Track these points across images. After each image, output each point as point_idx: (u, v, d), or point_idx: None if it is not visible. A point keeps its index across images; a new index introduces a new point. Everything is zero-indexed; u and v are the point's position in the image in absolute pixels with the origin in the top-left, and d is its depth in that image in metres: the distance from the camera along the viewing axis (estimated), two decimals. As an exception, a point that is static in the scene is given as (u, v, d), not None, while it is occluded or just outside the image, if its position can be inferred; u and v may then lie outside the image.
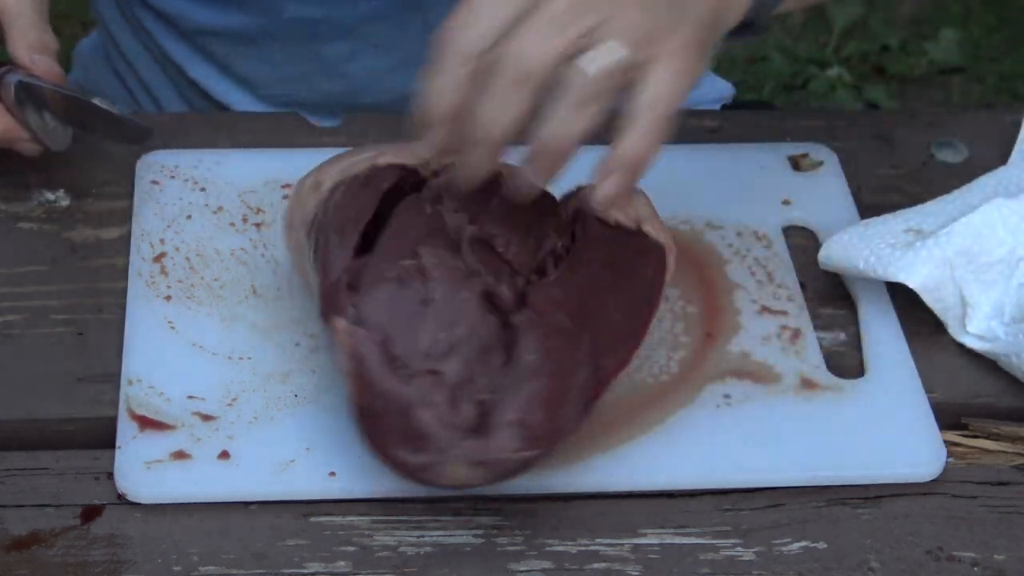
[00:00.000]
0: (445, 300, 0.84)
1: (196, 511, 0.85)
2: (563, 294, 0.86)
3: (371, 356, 0.82)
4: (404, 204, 0.89)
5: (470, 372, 0.82)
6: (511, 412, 0.80)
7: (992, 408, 0.94)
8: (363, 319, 0.84)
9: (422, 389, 0.81)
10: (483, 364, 0.83)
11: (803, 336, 0.96)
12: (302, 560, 0.83)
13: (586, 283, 0.87)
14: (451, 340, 0.83)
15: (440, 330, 0.83)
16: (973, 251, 0.96)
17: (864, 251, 0.96)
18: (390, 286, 0.85)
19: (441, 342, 0.83)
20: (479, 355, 0.83)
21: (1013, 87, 2.60)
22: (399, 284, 0.85)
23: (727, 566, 0.84)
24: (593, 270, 0.88)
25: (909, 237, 0.97)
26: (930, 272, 0.95)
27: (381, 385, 0.82)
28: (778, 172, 1.08)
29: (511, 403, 0.81)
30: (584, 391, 0.83)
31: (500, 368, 0.82)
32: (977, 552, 0.86)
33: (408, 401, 0.81)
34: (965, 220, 0.96)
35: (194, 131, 1.09)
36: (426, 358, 0.82)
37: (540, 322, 0.84)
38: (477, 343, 0.83)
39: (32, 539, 0.84)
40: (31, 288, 0.97)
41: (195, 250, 0.99)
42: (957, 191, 1.03)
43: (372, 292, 0.85)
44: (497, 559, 0.84)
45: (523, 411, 0.80)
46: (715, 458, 0.89)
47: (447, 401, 0.81)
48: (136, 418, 0.88)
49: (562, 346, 0.83)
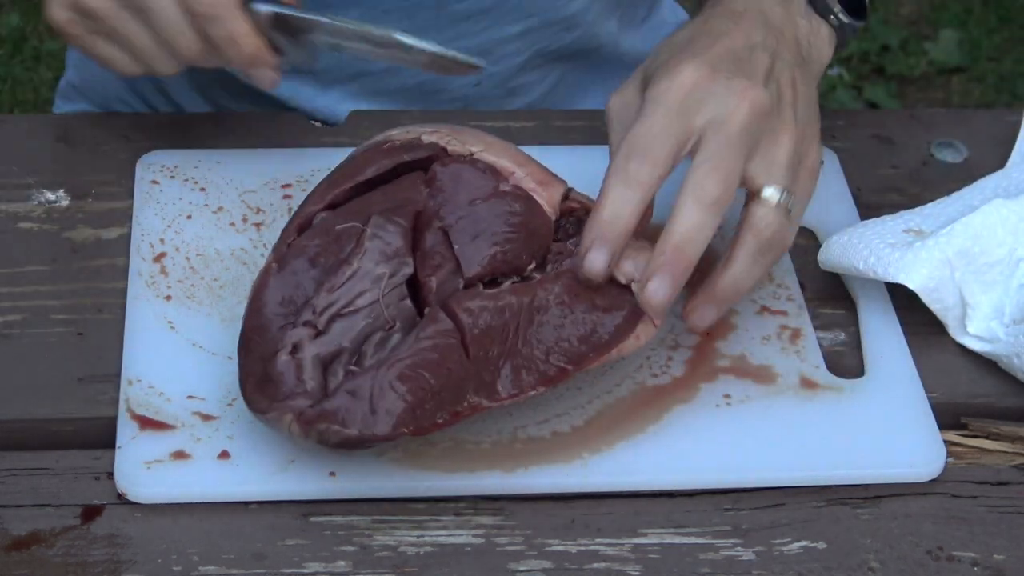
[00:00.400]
0: (363, 269, 0.86)
1: (196, 511, 0.85)
2: (487, 309, 0.85)
3: (272, 294, 0.86)
4: (407, 178, 0.91)
5: (356, 343, 0.84)
6: (354, 387, 0.81)
7: (992, 408, 0.94)
8: (286, 258, 0.87)
9: (293, 337, 0.83)
10: (376, 341, 0.84)
11: (803, 336, 0.96)
12: (302, 560, 0.83)
13: (525, 312, 0.86)
14: (348, 306, 0.85)
15: (340, 292, 0.85)
16: (973, 252, 0.96)
17: (863, 251, 0.96)
18: (325, 239, 0.88)
19: (336, 304, 0.84)
20: (374, 331, 0.84)
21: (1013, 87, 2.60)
22: (334, 240, 0.87)
23: (727, 566, 0.84)
24: (545, 305, 0.86)
25: (909, 237, 0.97)
26: (930, 273, 0.95)
27: (264, 322, 0.85)
28: (778, 172, 1.08)
29: (359, 379, 0.81)
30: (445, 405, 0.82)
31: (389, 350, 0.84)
32: (977, 552, 0.86)
33: (277, 344, 0.84)
34: (965, 221, 0.96)
35: (194, 131, 1.09)
36: (314, 312, 0.84)
37: (440, 321, 0.84)
38: (375, 319, 0.84)
39: (32, 539, 0.84)
40: (31, 288, 0.97)
41: (195, 250, 0.99)
42: (957, 193, 1.03)
43: (308, 237, 0.88)
44: (497, 559, 0.84)
45: (365, 392, 0.81)
46: (715, 458, 0.89)
47: (315, 359, 0.83)
48: (136, 418, 0.88)
49: (446, 351, 0.83)
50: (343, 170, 0.92)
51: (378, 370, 0.81)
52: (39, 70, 2.51)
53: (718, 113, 0.88)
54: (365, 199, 0.90)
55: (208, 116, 1.12)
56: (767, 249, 0.89)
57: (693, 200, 0.86)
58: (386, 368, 0.81)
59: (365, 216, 0.88)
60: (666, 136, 0.87)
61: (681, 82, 0.89)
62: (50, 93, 2.44)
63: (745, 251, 0.89)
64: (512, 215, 0.89)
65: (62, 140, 1.08)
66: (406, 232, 0.87)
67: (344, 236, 0.87)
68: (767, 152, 0.90)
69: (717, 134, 0.87)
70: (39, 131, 1.09)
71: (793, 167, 0.91)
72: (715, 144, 0.87)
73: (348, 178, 0.91)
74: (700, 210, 0.86)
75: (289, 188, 1.03)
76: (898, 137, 1.13)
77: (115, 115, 1.13)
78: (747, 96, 0.88)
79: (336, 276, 0.85)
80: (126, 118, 1.12)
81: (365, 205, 0.89)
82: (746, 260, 0.89)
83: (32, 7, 2.62)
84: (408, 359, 0.82)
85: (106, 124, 1.10)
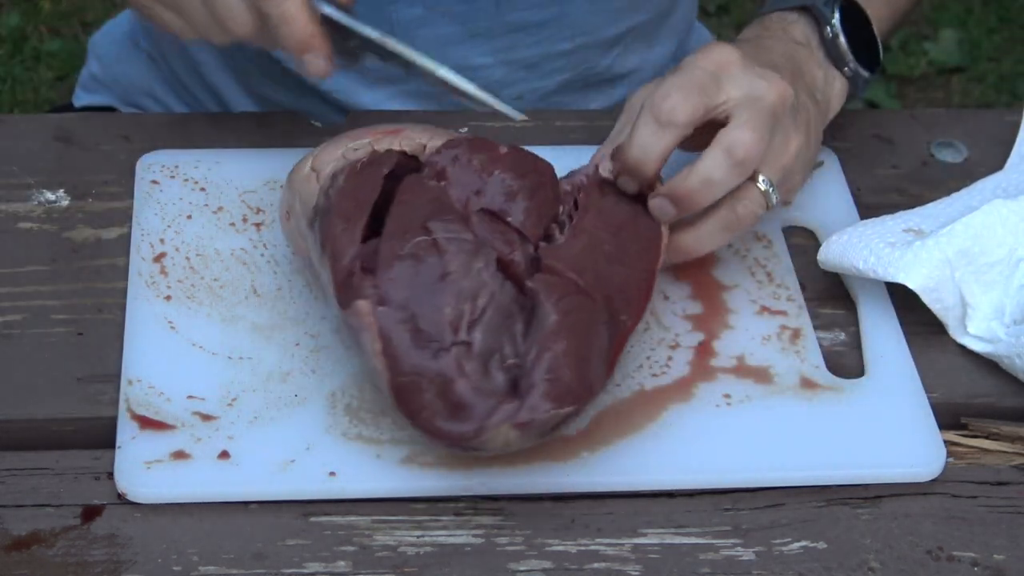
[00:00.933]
0: (462, 271, 0.85)
1: (196, 511, 0.85)
2: (573, 256, 0.87)
3: (399, 334, 0.83)
4: (407, 183, 0.90)
5: (496, 340, 0.84)
6: (541, 373, 0.82)
7: (992, 408, 0.94)
8: (385, 299, 0.84)
9: (454, 361, 0.82)
10: (506, 331, 0.84)
11: (803, 336, 0.96)
12: (302, 560, 0.83)
13: (593, 245, 0.89)
14: (474, 310, 0.84)
15: (462, 302, 0.84)
16: (973, 252, 0.96)
17: (863, 251, 0.96)
18: (407, 263, 0.85)
19: (464, 313, 0.84)
20: (501, 322, 0.84)
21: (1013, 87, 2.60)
22: (415, 260, 0.86)
23: (727, 566, 0.84)
24: (597, 233, 0.90)
25: (909, 237, 0.97)
26: (929, 272, 0.95)
27: (413, 361, 0.82)
28: (778, 172, 1.08)
29: (539, 365, 0.82)
30: (605, 347, 0.85)
31: (523, 333, 0.84)
32: (977, 552, 0.86)
33: (443, 374, 0.82)
34: (965, 221, 0.96)
35: (194, 131, 1.09)
36: (453, 330, 0.83)
37: (555, 283, 0.85)
38: (498, 311, 0.85)
39: (32, 539, 0.84)
40: (31, 288, 0.97)
41: (195, 250, 0.99)
42: (956, 194, 1.03)
43: (390, 271, 0.85)
44: (497, 559, 0.84)
45: (553, 371, 0.82)
46: (715, 458, 0.89)
47: (479, 370, 0.82)
48: (136, 418, 0.88)
49: (580, 305, 0.85)
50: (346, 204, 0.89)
51: (546, 348, 0.82)
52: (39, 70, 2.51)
53: (751, 91, 0.92)
54: (396, 218, 0.88)
55: (208, 116, 1.12)
56: (734, 223, 0.93)
57: (725, 154, 0.90)
58: (550, 342, 0.83)
59: (415, 229, 0.87)
60: (699, 90, 0.91)
61: (717, 57, 0.93)
62: (50, 93, 2.45)
63: (716, 218, 0.93)
64: (525, 171, 0.91)
65: (62, 140, 1.08)
66: (465, 225, 0.88)
67: (420, 252, 0.86)
68: (777, 147, 0.93)
69: (752, 107, 0.91)
70: (39, 131, 1.09)
71: (788, 173, 0.95)
72: (751, 112, 0.91)
73: (359, 208, 0.88)
74: (726, 165, 0.90)
75: (289, 188, 1.04)
76: (898, 137, 1.13)
77: (115, 115, 1.13)
78: (777, 87, 0.92)
79: (447, 289, 0.84)
80: (126, 118, 1.12)
81: (402, 222, 0.87)
82: (714, 225, 0.93)
83: (32, 7, 2.62)
84: (561, 327, 0.83)
85: (106, 124, 1.10)
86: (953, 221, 0.97)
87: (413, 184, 0.90)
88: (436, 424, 0.82)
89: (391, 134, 0.93)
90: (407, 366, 0.82)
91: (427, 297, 0.84)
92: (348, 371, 0.92)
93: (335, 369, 0.92)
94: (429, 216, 0.87)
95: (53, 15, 2.61)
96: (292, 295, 0.97)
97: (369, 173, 0.90)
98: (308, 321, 0.95)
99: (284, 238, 0.97)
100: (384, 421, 0.89)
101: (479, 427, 0.81)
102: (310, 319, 0.95)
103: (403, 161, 0.91)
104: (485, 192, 0.90)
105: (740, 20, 2.63)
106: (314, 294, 0.96)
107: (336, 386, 0.91)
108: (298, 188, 0.92)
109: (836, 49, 1.03)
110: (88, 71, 1.33)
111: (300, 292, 0.97)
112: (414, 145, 0.92)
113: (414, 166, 0.92)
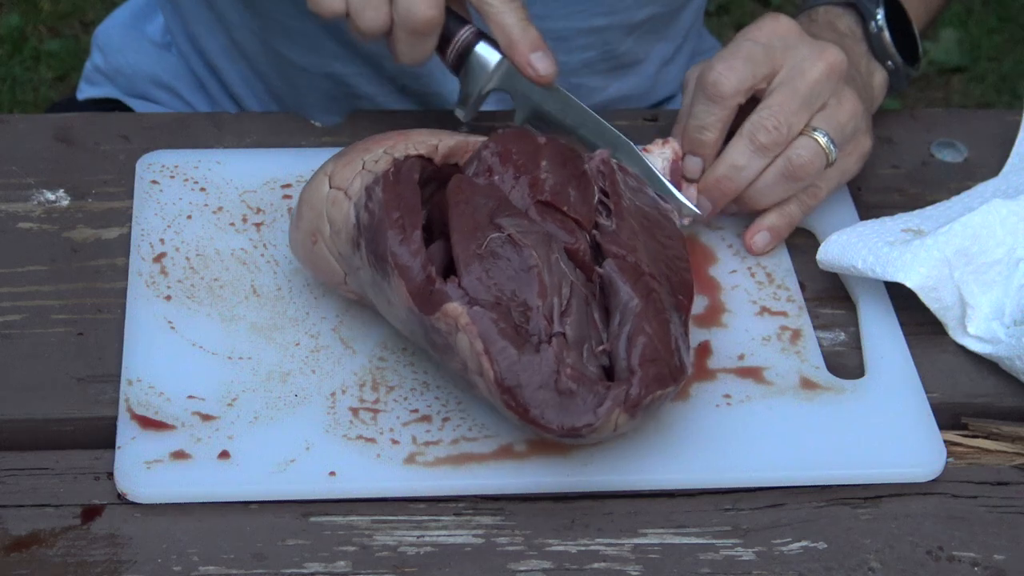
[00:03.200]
0: (543, 263, 0.86)
1: (196, 511, 0.85)
2: (627, 240, 0.88)
3: (497, 331, 0.83)
4: (457, 183, 0.90)
5: (583, 328, 0.85)
6: (642, 354, 0.83)
7: (992, 408, 0.94)
8: (475, 299, 0.84)
9: (555, 352, 0.83)
10: (589, 317, 0.85)
11: (803, 336, 0.96)
12: (302, 560, 0.83)
13: (637, 228, 0.90)
14: (561, 301, 0.85)
15: (550, 293, 0.85)
16: (972, 251, 0.96)
17: (862, 251, 0.96)
18: (487, 261, 0.86)
19: (555, 304, 0.85)
20: (584, 310, 0.85)
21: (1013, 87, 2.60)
22: (495, 257, 0.86)
23: (727, 566, 0.85)
24: (635, 216, 0.91)
25: (907, 236, 0.97)
26: (928, 272, 0.95)
27: (517, 357, 0.82)
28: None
29: (634, 349, 0.83)
30: (679, 325, 0.86)
31: (603, 319, 0.86)
32: (977, 552, 0.86)
33: (548, 367, 0.82)
34: (963, 220, 0.96)
35: (194, 131, 1.09)
36: (548, 322, 0.84)
37: (627, 267, 0.86)
38: (580, 299, 0.85)
39: (32, 539, 0.84)
40: (31, 288, 0.97)
41: (195, 250, 0.99)
42: (956, 197, 1.03)
43: (472, 271, 0.85)
44: (497, 559, 0.84)
45: (653, 351, 0.83)
46: (715, 458, 0.89)
47: (579, 359, 0.83)
48: (136, 418, 0.88)
49: (653, 288, 0.86)
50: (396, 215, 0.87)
51: (639, 331, 0.83)
52: (39, 70, 2.51)
53: (798, 62, 0.96)
54: (460, 218, 0.88)
55: (208, 116, 1.12)
56: (791, 172, 0.97)
57: (748, 140, 0.95)
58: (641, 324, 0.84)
59: (485, 226, 0.87)
60: (745, 61, 0.95)
61: (773, 27, 0.98)
62: (50, 93, 2.44)
63: (774, 168, 0.97)
64: (567, 160, 0.92)
65: (62, 140, 1.08)
66: (526, 217, 0.88)
67: (497, 249, 0.86)
68: (830, 109, 0.97)
69: (789, 84, 0.95)
70: (39, 131, 1.09)
71: (846, 132, 0.98)
72: (783, 94, 0.96)
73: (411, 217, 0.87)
74: (749, 151, 0.95)
75: (289, 188, 1.04)
76: (898, 137, 1.13)
77: (115, 115, 1.13)
78: (827, 55, 0.96)
79: (533, 282, 0.85)
80: (126, 118, 1.12)
81: (470, 222, 0.87)
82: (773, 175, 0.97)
83: (32, 7, 2.62)
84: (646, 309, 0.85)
85: (106, 124, 1.10)
86: (950, 220, 0.97)
87: (464, 184, 0.90)
88: (547, 417, 0.82)
89: (400, 139, 0.92)
90: (512, 363, 0.82)
91: (516, 291, 0.85)
92: (348, 371, 0.92)
93: (335, 369, 0.92)
94: (494, 213, 0.88)
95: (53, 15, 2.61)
96: (292, 295, 0.97)
97: (405, 180, 0.89)
98: (308, 321, 0.95)
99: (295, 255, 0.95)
100: (384, 421, 0.89)
101: (592, 416, 0.81)
102: (310, 319, 0.95)
103: (424, 164, 0.91)
104: (537, 184, 0.90)
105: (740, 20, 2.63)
106: (315, 295, 0.96)
107: (336, 386, 0.91)
108: (323, 210, 0.90)
109: (880, 42, 1.06)
110: (91, 63, 1.33)
111: (300, 292, 0.97)
112: (426, 147, 0.91)
113: (432, 168, 0.91)
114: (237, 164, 1.05)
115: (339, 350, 0.93)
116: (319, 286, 0.97)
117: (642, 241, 0.89)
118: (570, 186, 0.91)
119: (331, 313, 0.95)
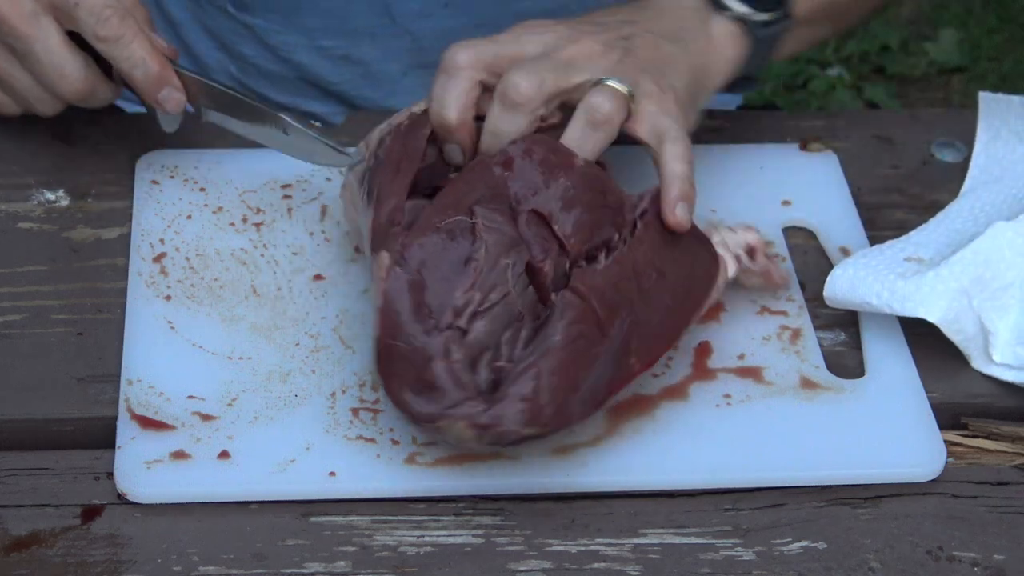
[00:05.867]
0: (488, 262, 0.85)
1: (196, 511, 0.85)
2: (604, 285, 0.86)
3: (403, 299, 0.83)
4: (474, 163, 0.90)
5: (496, 338, 0.84)
6: (522, 387, 0.81)
7: (992, 408, 0.94)
8: (405, 261, 0.84)
9: (444, 343, 0.82)
10: (511, 333, 0.84)
11: (803, 336, 0.96)
12: (302, 560, 0.83)
13: (631, 279, 0.87)
14: (482, 302, 0.84)
15: (476, 290, 0.84)
16: (985, 278, 0.94)
17: (875, 285, 0.94)
18: (439, 236, 0.86)
19: (472, 302, 0.84)
20: (507, 323, 0.84)
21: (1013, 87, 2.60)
22: (448, 236, 0.86)
23: (727, 566, 0.85)
24: (642, 267, 0.88)
25: (913, 266, 0.96)
26: (948, 305, 0.93)
27: (405, 329, 0.83)
28: (779, 172, 1.08)
29: (523, 379, 0.81)
30: (600, 384, 0.84)
31: (526, 341, 0.84)
32: (977, 552, 0.86)
33: (428, 351, 0.82)
34: (972, 247, 0.94)
35: (194, 131, 1.09)
36: (454, 314, 0.83)
37: (575, 305, 0.84)
38: (509, 311, 0.84)
39: (32, 539, 0.84)
40: (31, 288, 0.97)
41: (195, 250, 0.99)
42: (940, 215, 1.01)
43: (420, 238, 0.85)
44: (497, 559, 0.84)
45: (534, 390, 0.81)
46: (715, 458, 0.89)
47: (465, 360, 0.82)
48: (136, 418, 0.88)
49: (588, 335, 0.84)
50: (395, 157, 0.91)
51: (537, 365, 0.81)
52: (39, 70, 2.50)
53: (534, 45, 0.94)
54: (449, 192, 0.88)
55: (208, 116, 1.12)
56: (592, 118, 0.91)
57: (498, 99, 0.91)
58: (544, 362, 0.81)
59: (463, 208, 0.87)
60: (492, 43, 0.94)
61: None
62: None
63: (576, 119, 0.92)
64: (591, 188, 0.89)
65: (62, 140, 1.08)
66: (511, 220, 0.88)
67: (456, 231, 0.86)
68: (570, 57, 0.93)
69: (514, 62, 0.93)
70: (39, 131, 1.09)
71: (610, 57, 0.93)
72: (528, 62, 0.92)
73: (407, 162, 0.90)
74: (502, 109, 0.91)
75: (289, 188, 1.04)
76: (898, 137, 1.13)
77: (115, 115, 1.12)
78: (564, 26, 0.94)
79: (466, 274, 0.85)
80: (126, 118, 1.12)
81: (453, 197, 0.88)
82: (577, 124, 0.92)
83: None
84: (560, 351, 0.82)
85: (106, 124, 1.10)
86: (948, 246, 0.96)
87: (478, 165, 0.90)
88: (403, 395, 0.82)
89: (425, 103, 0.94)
90: (398, 332, 0.83)
91: (444, 274, 0.85)
92: (348, 371, 0.92)
93: (335, 369, 0.92)
94: (479, 200, 0.87)
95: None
96: (292, 295, 0.97)
97: (414, 132, 0.92)
98: (308, 321, 0.95)
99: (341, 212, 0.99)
100: (384, 421, 0.89)
101: (439, 413, 0.81)
102: (310, 319, 0.95)
103: None
104: (542, 194, 0.89)
105: None
106: (315, 295, 0.96)
107: (336, 386, 0.91)
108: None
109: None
110: None
111: (300, 292, 0.97)
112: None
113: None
114: (237, 164, 1.05)
115: (339, 350, 0.93)
116: (319, 286, 0.97)
117: (627, 293, 0.86)
118: (577, 211, 0.88)
119: (331, 313, 0.95)
